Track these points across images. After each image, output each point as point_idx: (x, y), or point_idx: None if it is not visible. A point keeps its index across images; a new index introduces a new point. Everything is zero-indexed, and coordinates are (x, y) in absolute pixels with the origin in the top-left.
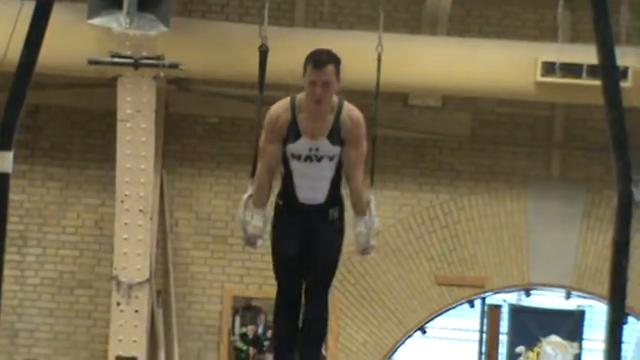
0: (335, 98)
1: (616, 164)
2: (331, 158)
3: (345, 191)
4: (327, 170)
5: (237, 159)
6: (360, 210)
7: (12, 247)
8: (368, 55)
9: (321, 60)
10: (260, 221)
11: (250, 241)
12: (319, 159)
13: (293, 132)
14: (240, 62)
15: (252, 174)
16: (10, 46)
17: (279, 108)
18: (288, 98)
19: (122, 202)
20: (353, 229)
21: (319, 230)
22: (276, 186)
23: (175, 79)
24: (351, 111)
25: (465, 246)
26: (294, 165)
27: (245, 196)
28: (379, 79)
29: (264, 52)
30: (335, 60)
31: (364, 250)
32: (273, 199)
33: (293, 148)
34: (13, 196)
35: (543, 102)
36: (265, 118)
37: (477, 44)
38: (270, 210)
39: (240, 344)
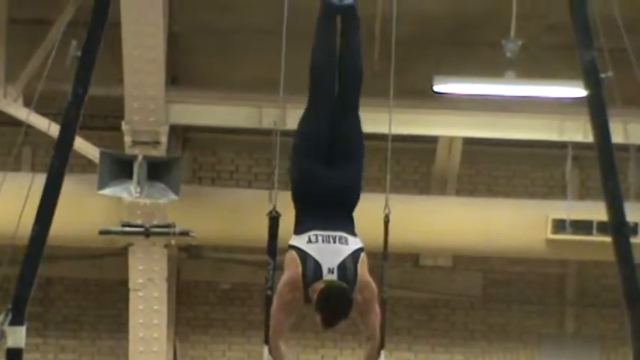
0: None
1: (630, 320)
2: None
3: None
4: None
5: (249, 325)
6: None
7: None
8: (377, 216)
9: (332, 322)
10: None
11: None
12: None
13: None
14: (251, 228)
15: (266, 340)
16: (21, 219)
17: (294, 285)
18: (300, 275)
19: None
20: None
21: None
22: None
23: (186, 247)
24: (361, 277)
25: None
26: None
27: None
28: (387, 241)
29: (274, 218)
30: (347, 313)
31: None
32: None
33: None
34: None
35: (555, 259)
36: (278, 287)
37: (486, 203)
38: None
39: None
